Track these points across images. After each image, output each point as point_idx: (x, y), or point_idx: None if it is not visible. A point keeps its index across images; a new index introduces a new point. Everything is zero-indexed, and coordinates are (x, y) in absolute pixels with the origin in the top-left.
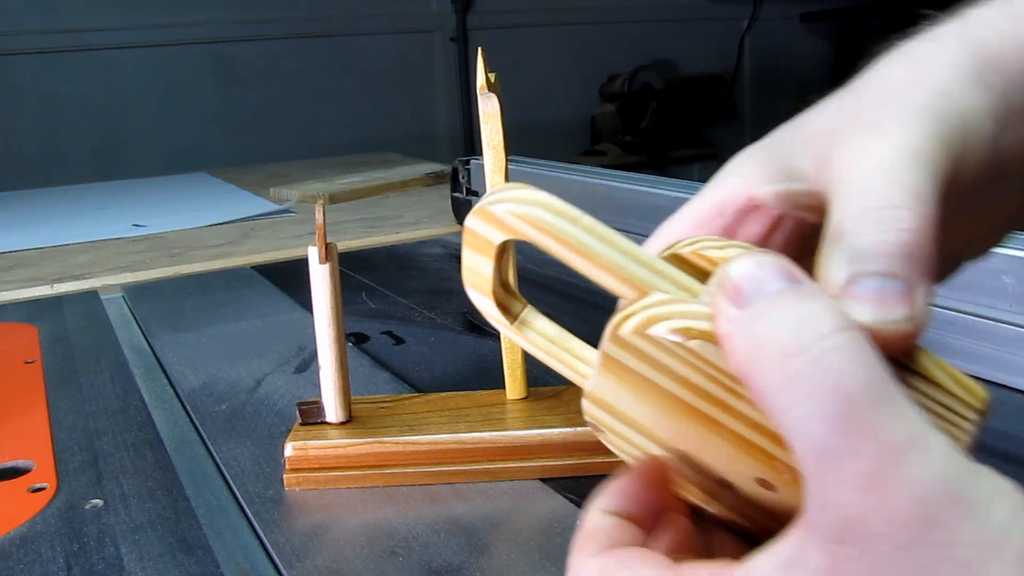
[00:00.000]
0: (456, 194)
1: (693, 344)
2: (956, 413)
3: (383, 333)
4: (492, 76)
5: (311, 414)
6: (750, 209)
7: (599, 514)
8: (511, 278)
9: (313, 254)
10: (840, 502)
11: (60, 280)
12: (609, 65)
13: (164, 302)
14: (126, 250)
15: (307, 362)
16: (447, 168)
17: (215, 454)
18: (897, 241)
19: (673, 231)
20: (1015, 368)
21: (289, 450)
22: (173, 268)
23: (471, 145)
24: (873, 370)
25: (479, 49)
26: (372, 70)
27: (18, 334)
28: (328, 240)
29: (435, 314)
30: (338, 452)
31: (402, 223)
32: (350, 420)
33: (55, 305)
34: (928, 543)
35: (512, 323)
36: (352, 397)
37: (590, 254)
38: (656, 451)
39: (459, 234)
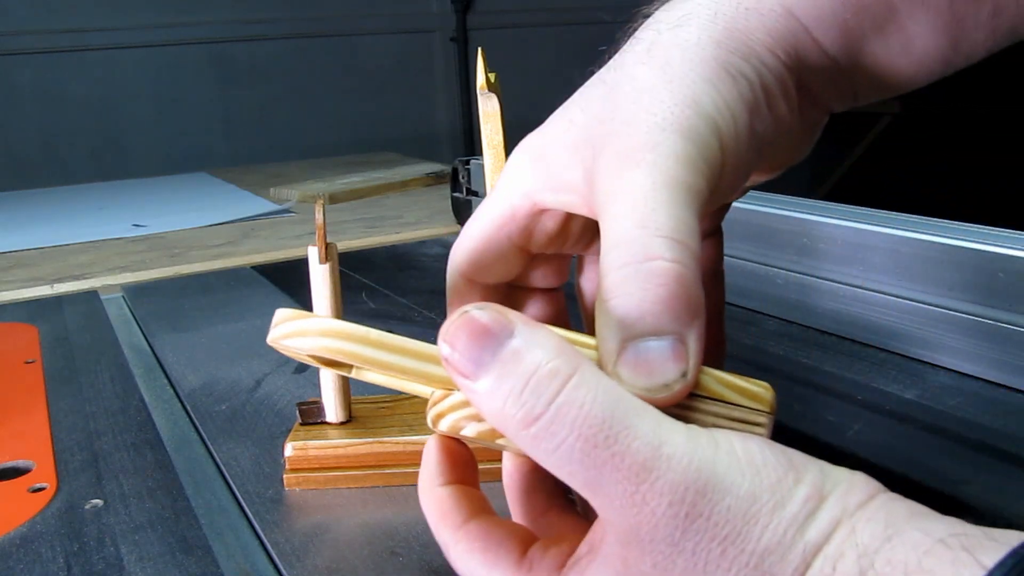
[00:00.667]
0: (456, 194)
1: (464, 434)
2: (747, 421)
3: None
4: (492, 76)
5: (311, 414)
6: (539, 212)
7: (438, 489)
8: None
9: (313, 254)
10: (614, 521)
11: (60, 280)
12: None
13: (164, 302)
14: (126, 250)
15: None
16: (447, 168)
17: (215, 454)
18: (657, 297)
19: (471, 240)
20: (1015, 368)
21: (289, 450)
22: (173, 268)
23: (471, 145)
24: (606, 406)
25: (479, 49)
26: (372, 70)
27: (18, 334)
28: (328, 240)
29: (435, 314)
30: (338, 452)
31: (402, 223)
32: (350, 420)
33: (55, 305)
34: (693, 532)
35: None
36: (352, 397)
37: (389, 367)
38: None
39: (459, 234)
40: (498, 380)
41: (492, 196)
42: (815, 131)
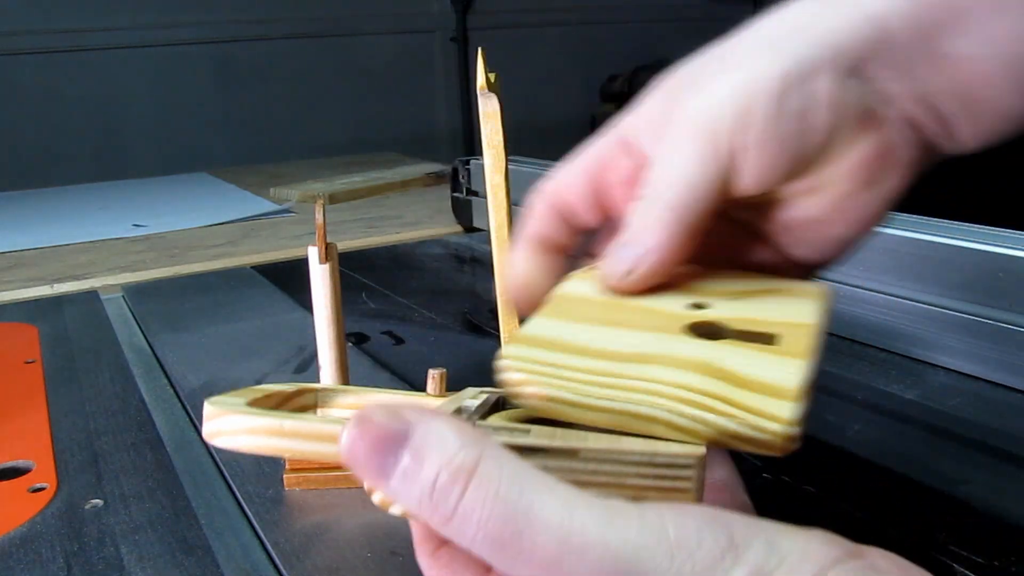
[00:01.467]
0: (456, 194)
1: (392, 511)
2: (672, 478)
3: (383, 333)
4: (492, 76)
5: None
6: (622, 151)
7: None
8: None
9: (313, 254)
10: None
11: (60, 280)
12: (609, 65)
13: (164, 302)
14: (126, 250)
15: (307, 362)
16: (447, 168)
17: (215, 454)
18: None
19: (568, 169)
20: (1015, 368)
21: None
22: (173, 268)
23: (471, 145)
24: (509, 500)
25: (479, 49)
26: (372, 70)
27: (18, 334)
28: (328, 240)
29: (435, 314)
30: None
31: (402, 223)
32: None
33: (55, 305)
34: None
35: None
36: None
37: (310, 455)
38: None
39: (459, 234)
40: (405, 487)
41: (596, 144)
42: (893, 159)
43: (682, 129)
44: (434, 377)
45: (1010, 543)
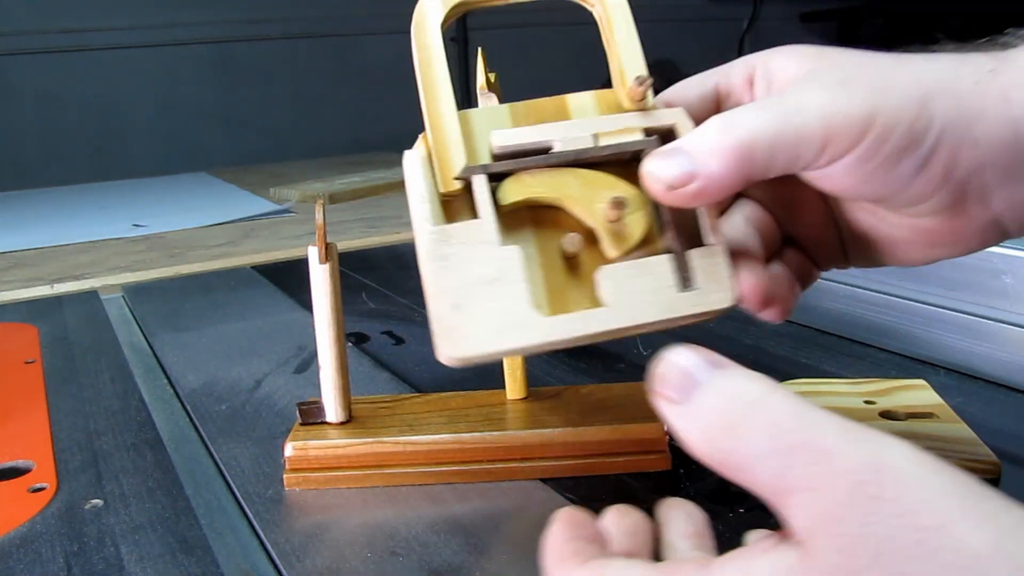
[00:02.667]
0: None
1: None
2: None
3: (383, 333)
4: (492, 76)
5: (311, 414)
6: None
7: (565, 539)
8: None
9: (313, 254)
10: (799, 510)
11: (60, 280)
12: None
13: (164, 302)
14: (126, 250)
15: (307, 362)
16: None
17: (215, 454)
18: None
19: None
20: (1015, 368)
21: (289, 450)
22: (173, 268)
23: None
24: (801, 412)
25: (479, 49)
26: (372, 70)
27: (18, 334)
28: (328, 240)
29: None
30: (338, 452)
31: (402, 223)
32: (350, 420)
33: (55, 305)
34: (883, 515)
35: None
36: (352, 397)
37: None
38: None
39: None
40: (706, 397)
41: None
42: (966, 236)
43: (821, 83)
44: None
45: None
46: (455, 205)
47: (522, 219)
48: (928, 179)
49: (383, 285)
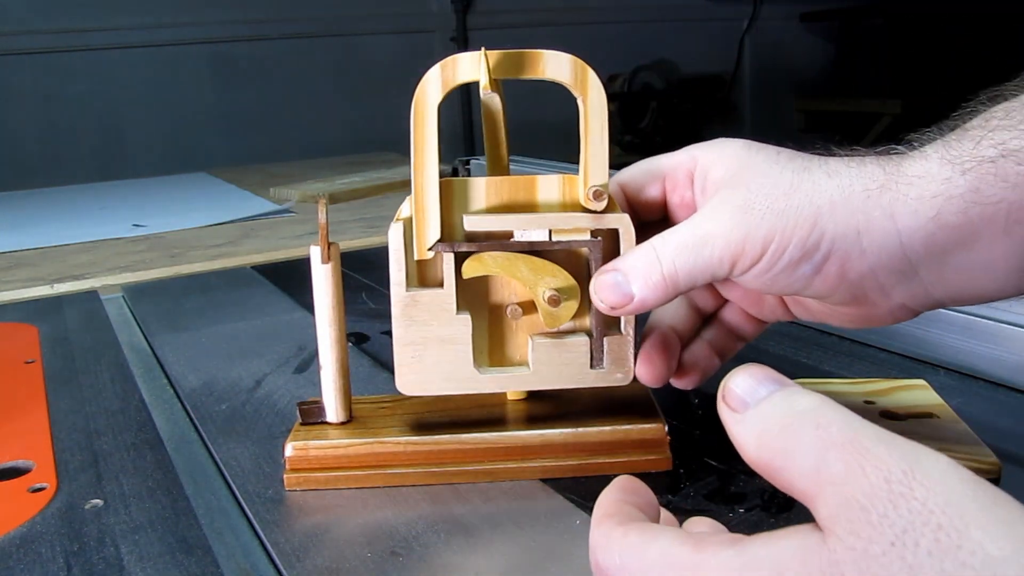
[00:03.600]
0: None
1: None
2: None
3: (383, 333)
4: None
5: (311, 414)
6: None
7: (614, 500)
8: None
9: (315, 254)
10: (829, 497)
11: (60, 280)
12: (609, 65)
13: (164, 302)
14: (126, 250)
15: (307, 362)
16: (447, 168)
17: (215, 454)
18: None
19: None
20: (1015, 368)
21: (289, 450)
22: (173, 268)
23: (471, 145)
24: (848, 422)
25: (482, 49)
26: (372, 70)
27: (18, 334)
28: (330, 240)
29: None
30: (338, 452)
31: None
32: (350, 420)
33: (55, 305)
34: (906, 511)
35: None
36: (352, 397)
37: None
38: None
39: None
40: (768, 403)
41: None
42: (878, 316)
43: (730, 207)
44: None
45: None
46: (428, 267)
47: (480, 283)
48: (825, 281)
49: (383, 285)
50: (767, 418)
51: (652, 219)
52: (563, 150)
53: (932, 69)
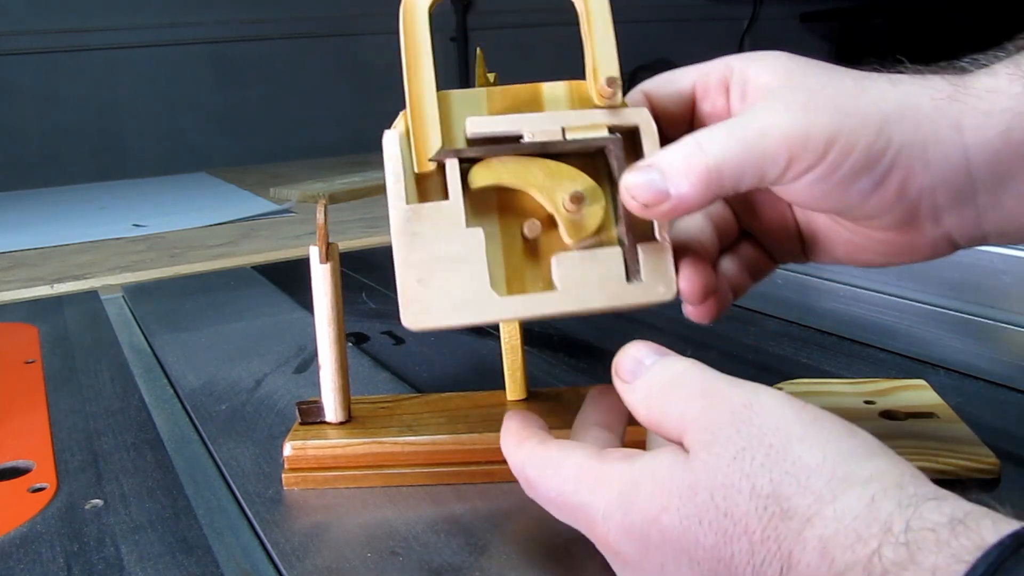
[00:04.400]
0: None
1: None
2: None
3: (383, 333)
4: (491, 76)
5: (311, 414)
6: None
7: (521, 426)
8: None
9: (314, 254)
10: (694, 428)
11: (60, 280)
12: None
13: (164, 302)
14: (126, 250)
15: (307, 362)
16: None
17: (215, 454)
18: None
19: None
20: (1015, 368)
21: (288, 450)
22: (173, 268)
23: None
24: (706, 376)
25: (478, 49)
26: (372, 70)
27: (18, 334)
28: (329, 240)
29: None
30: (337, 452)
31: None
32: (350, 420)
33: (55, 305)
34: (740, 427)
35: None
36: (352, 397)
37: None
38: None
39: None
40: (653, 372)
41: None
42: (919, 248)
43: (787, 104)
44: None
45: None
46: (429, 183)
47: (489, 200)
48: (883, 197)
49: (383, 285)
50: (651, 384)
51: (676, 133)
52: None
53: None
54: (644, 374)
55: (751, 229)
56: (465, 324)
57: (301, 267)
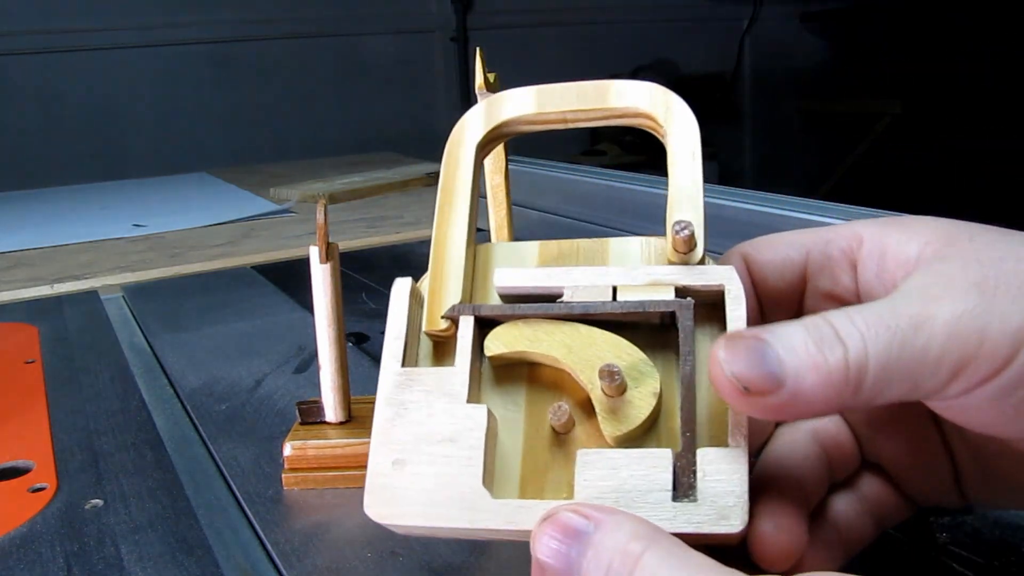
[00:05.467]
0: None
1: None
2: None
3: (383, 333)
4: (491, 76)
5: (310, 414)
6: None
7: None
8: None
9: (314, 254)
10: None
11: (60, 280)
12: (609, 65)
13: (164, 302)
14: (126, 250)
15: (307, 362)
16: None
17: (215, 454)
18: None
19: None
20: None
21: (288, 450)
22: (173, 268)
23: None
24: (672, 563)
25: (477, 49)
26: (372, 70)
27: (18, 334)
28: (329, 240)
29: None
30: (337, 452)
31: (402, 223)
32: (350, 420)
33: (55, 305)
34: None
35: None
36: (352, 397)
37: None
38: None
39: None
40: (587, 573)
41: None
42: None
43: (952, 284)
44: None
45: (1010, 543)
46: (445, 349)
47: (518, 376)
48: None
49: (383, 285)
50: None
51: (779, 314)
52: (563, 149)
53: (932, 69)
54: (585, 559)
55: (879, 459)
56: (439, 529)
57: (301, 267)
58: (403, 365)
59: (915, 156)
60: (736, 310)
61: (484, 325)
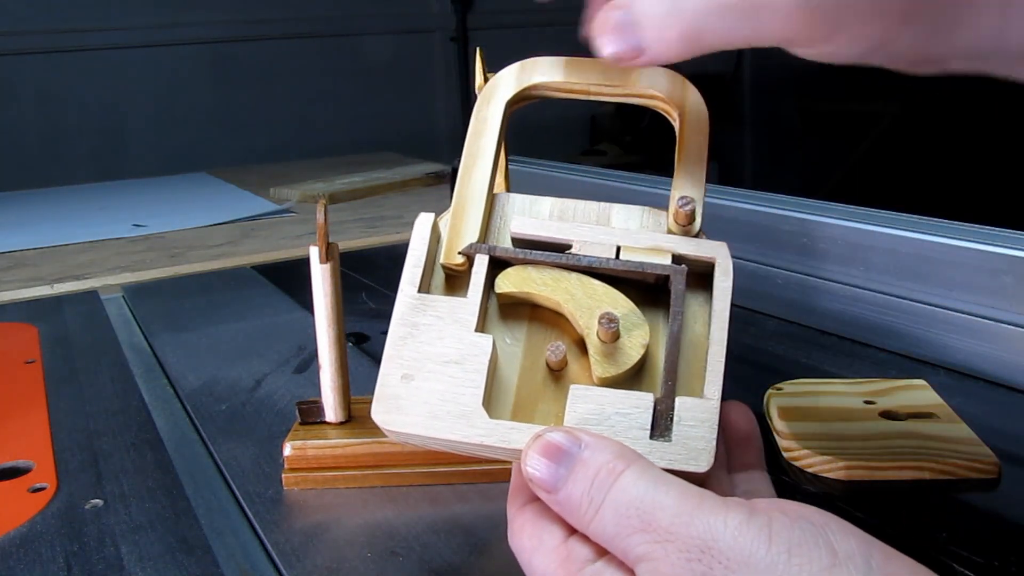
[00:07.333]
0: None
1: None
2: None
3: (383, 333)
4: (491, 76)
5: (310, 414)
6: None
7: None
8: None
9: (314, 254)
10: (646, 569)
11: (60, 280)
12: None
13: (164, 302)
14: (126, 250)
15: (307, 362)
16: (447, 168)
17: (215, 454)
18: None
19: None
20: (1015, 368)
21: (288, 450)
22: (173, 268)
23: None
24: (646, 490)
25: (477, 49)
26: (372, 70)
27: (18, 334)
28: (329, 240)
29: None
30: (336, 452)
31: (402, 223)
32: (350, 420)
33: (55, 305)
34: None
35: None
36: (352, 397)
37: None
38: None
39: None
40: (572, 485)
41: None
42: None
43: None
44: None
45: (1010, 543)
46: (457, 282)
47: (521, 313)
48: None
49: (383, 285)
50: (575, 488)
51: None
52: (563, 149)
53: None
54: (572, 474)
55: None
56: (440, 440)
57: (301, 267)
58: (419, 291)
59: (915, 156)
60: (724, 281)
61: (496, 265)
